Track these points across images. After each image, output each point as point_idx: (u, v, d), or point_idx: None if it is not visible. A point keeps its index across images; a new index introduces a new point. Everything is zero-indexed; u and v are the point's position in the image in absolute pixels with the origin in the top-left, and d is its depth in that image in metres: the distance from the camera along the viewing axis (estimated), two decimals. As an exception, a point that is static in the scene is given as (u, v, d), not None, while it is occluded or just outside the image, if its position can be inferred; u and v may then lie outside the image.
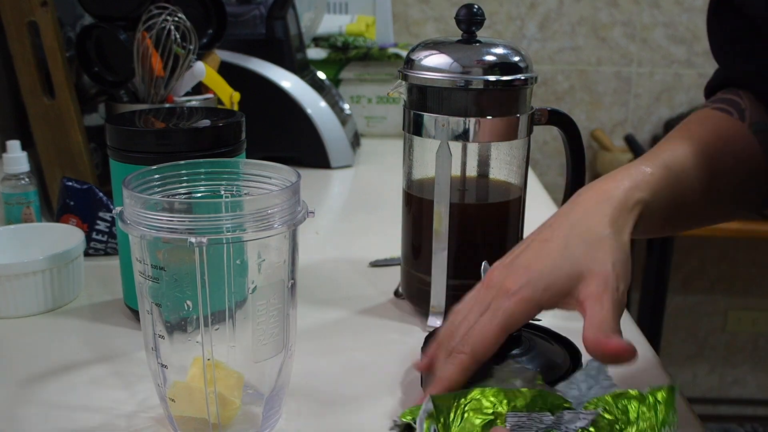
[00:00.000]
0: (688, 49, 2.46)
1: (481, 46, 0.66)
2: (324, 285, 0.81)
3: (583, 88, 2.51)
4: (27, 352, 0.66)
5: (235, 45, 1.28)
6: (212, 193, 0.55)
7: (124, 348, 0.67)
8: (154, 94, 0.93)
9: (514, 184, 0.72)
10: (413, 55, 0.68)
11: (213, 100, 1.00)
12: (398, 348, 0.67)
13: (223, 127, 0.67)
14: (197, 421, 0.52)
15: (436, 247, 0.68)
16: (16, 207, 0.88)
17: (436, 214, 0.68)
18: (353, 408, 0.58)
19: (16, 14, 0.92)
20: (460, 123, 0.66)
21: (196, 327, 0.49)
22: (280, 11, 1.30)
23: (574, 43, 2.47)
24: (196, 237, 0.46)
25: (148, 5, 0.91)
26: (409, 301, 0.75)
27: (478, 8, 0.66)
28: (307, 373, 0.62)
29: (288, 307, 0.52)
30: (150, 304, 0.50)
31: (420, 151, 0.71)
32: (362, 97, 1.53)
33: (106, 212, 0.85)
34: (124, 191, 0.49)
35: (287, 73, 1.28)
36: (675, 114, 2.50)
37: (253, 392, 0.54)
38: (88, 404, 0.58)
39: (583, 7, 2.44)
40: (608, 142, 2.47)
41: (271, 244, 0.50)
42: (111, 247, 0.86)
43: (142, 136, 0.65)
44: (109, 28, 0.92)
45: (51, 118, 0.95)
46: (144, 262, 0.49)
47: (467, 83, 0.64)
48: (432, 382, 0.50)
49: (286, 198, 0.50)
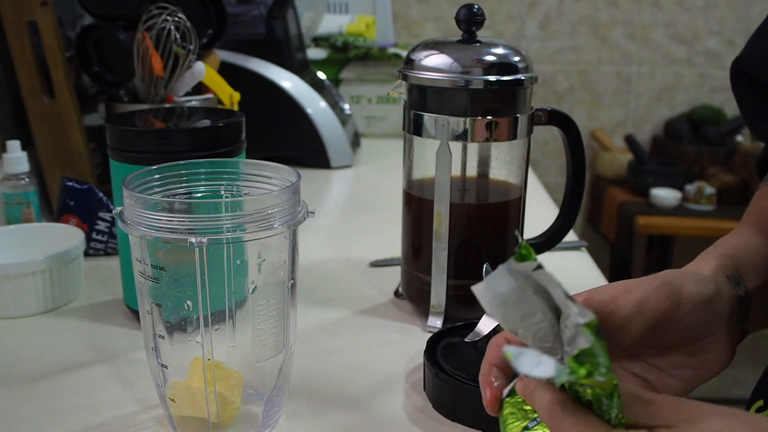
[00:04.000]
0: (688, 49, 2.46)
1: (481, 46, 0.66)
2: (324, 285, 0.81)
3: (583, 88, 2.50)
4: (27, 352, 0.66)
5: (235, 45, 1.28)
6: (212, 193, 0.55)
7: (124, 348, 0.66)
8: (154, 94, 0.93)
9: (514, 184, 0.72)
10: (413, 55, 0.68)
11: (213, 100, 1.00)
12: (398, 348, 0.67)
13: (223, 127, 0.67)
14: (197, 421, 0.52)
15: (436, 247, 0.68)
16: (16, 207, 0.88)
17: (436, 214, 0.68)
18: (353, 408, 0.58)
19: (15, 14, 0.92)
20: (460, 123, 0.66)
21: (196, 327, 0.49)
22: (280, 11, 1.30)
23: (574, 42, 2.47)
24: (196, 237, 0.46)
25: (148, 5, 0.91)
26: (409, 301, 0.75)
27: (478, 8, 0.66)
28: (307, 373, 0.62)
29: (288, 307, 0.52)
30: (150, 304, 0.50)
31: (420, 151, 0.71)
32: (362, 97, 1.53)
33: (106, 212, 0.85)
34: (124, 191, 0.49)
35: (287, 73, 1.28)
36: (675, 114, 2.50)
37: (253, 392, 0.54)
38: (88, 404, 0.58)
39: (584, 6, 2.44)
40: (608, 142, 2.47)
41: (271, 244, 0.50)
42: (111, 247, 0.86)
43: (142, 136, 0.65)
44: (109, 28, 0.92)
45: (51, 118, 0.95)
46: (144, 262, 0.49)
47: (467, 83, 0.64)
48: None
49: (286, 198, 0.50)
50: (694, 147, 2.37)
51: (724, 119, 2.43)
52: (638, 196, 2.27)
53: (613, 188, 2.38)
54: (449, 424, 0.56)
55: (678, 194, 2.20)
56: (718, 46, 2.46)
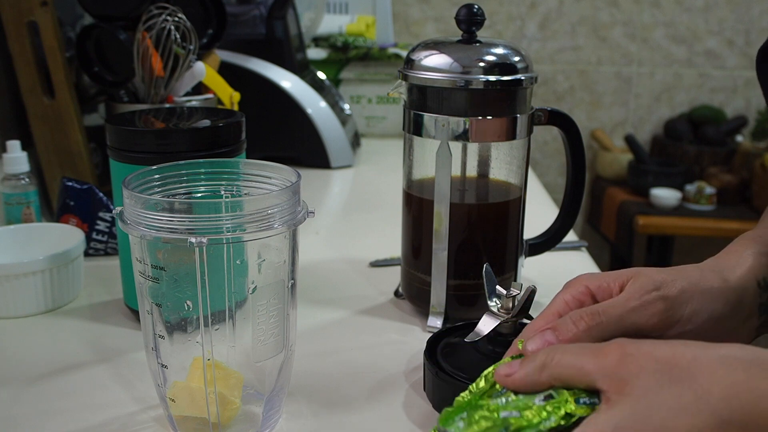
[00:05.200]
0: (688, 49, 2.46)
1: (481, 46, 0.66)
2: (324, 285, 0.81)
3: (583, 88, 2.51)
4: (27, 352, 0.66)
5: (235, 45, 1.28)
6: (212, 193, 0.55)
7: (124, 348, 0.66)
8: (154, 94, 0.93)
9: (514, 184, 0.72)
10: (413, 55, 0.68)
11: (213, 100, 1.00)
12: (398, 348, 0.67)
13: (223, 127, 0.67)
14: (197, 421, 0.52)
15: (436, 247, 0.68)
16: (16, 207, 0.88)
17: (436, 214, 0.68)
18: (353, 408, 0.58)
19: (15, 14, 0.92)
20: (460, 123, 0.66)
21: (196, 327, 0.49)
22: (280, 11, 1.30)
23: (574, 43, 2.47)
24: (196, 237, 0.46)
25: (148, 5, 0.91)
26: (409, 301, 0.75)
27: (478, 8, 0.66)
28: (307, 373, 0.62)
29: (288, 307, 0.52)
30: (150, 304, 0.50)
31: (420, 151, 0.71)
32: (362, 97, 1.53)
33: (106, 212, 0.85)
34: (124, 191, 0.49)
35: (287, 73, 1.28)
36: (675, 114, 2.50)
37: (253, 392, 0.54)
38: (88, 404, 0.58)
39: (584, 7, 2.44)
40: (608, 142, 2.47)
41: (271, 244, 0.50)
42: (111, 247, 0.86)
43: (142, 136, 0.65)
44: (109, 28, 0.92)
45: (51, 118, 0.95)
46: (144, 262, 0.49)
47: (467, 83, 0.64)
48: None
49: (286, 198, 0.50)
50: (694, 147, 2.37)
51: (724, 119, 2.43)
52: (638, 196, 2.27)
53: (613, 188, 2.38)
54: (449, 424, 0.56)
55: (678, 194, 2.20)
56: (718, 46, 2.46)
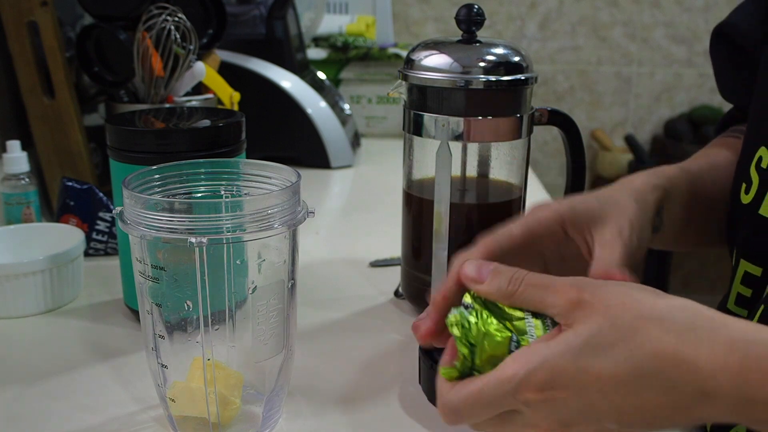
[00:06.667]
0: (688, 49, 2.46)
1: (481, 46, 0.66)
2: (324, 285, 0.81)
3: (583, 88, 2.51)
4: (27, 352, 0.66)
5: (235, 45, 1.28)
6: (212, 193, 0.55)
7: (124, 348, 0.66)
8: (154, 94, 0.93)
9: (514, 184, 0.72)
10: (413, 55, 0.68)
11: (213, 100, 1.00)
12: (398, 348, 0.67)
13: (223, 127, 0.67)
14: (197, 421, 0.52)
15: (436, 247, 0.68)
16: (16, 207, 0.88)
17: (436, 214, 0.67)
18: (353, 408, 0.58)
19: (15, 14, 0.92)
20: (460, 123, 0.66)
21: (196, 327, 0.49)
22: (280, 11, 1.30)
23: (574, 43, 2.47)
24: (196, 237, 0.46)
25: (148, 5, 0.91)
26: (409, 301, 0.75)
27: (478, 8, 0.66)
28: (307, 373, 0.62)
29: (288, 308, 0.52)
30: (150, 304, 0.50)
31: (420, 151, 0.71)
32: (362, 97, 1.53)
33: (106, 212, 0.85)
34: (124, 191, 0.49)
35: (287, 73, 1.28)
36: (675, 114, 2.50)
37: (253, 392, 0.54)
38: (88, 404, 0.58)
39: (584, 6, 2.44)
40: (608, 142, 2.47)
41: (271, 244, 0.50)
42: (111, 247, 0.86)
43: (142, 136, 0.65)
44: (109, 28, 0.92)
45: (51, 118, 0.95)
46: (144, 262, 0.49)
47: (467, 83, 0.64)
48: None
49: (286, 198, 0.50)
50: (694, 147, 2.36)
51: (724, 119, 2.43)
52: (638, 196, 2.27)
53: (613, 188, 2.38)
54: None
55: (678, 194, 2.20)
56: (718, 46, 2.45)
